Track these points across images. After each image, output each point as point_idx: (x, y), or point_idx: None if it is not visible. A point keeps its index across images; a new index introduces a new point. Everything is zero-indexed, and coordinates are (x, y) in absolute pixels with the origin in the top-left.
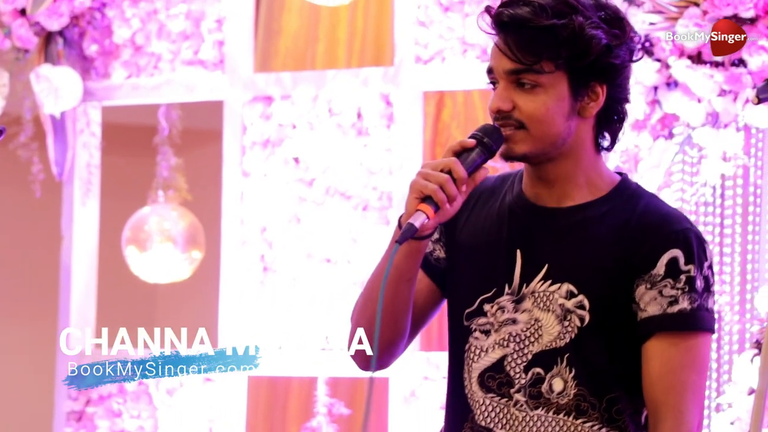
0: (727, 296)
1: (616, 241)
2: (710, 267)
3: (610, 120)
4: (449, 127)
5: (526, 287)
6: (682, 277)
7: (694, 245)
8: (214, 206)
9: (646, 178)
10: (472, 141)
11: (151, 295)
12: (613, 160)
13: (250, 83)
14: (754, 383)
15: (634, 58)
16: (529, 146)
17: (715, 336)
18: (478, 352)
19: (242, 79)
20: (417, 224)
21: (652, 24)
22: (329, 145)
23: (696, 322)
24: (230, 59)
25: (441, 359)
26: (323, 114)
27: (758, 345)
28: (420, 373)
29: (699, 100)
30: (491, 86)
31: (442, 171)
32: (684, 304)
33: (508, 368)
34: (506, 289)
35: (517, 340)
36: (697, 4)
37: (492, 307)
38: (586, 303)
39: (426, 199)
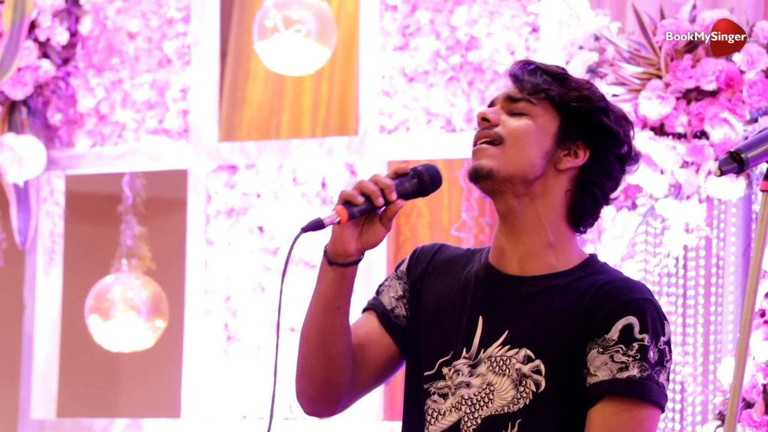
0: (690, 367)
1: (574, 308)
2: (667, 343)
3: (585, 197)
4: None
5: (484, 352)
6: (635, 344)
7: (650, 316)
8: (178, 275)
9: (610, 249)
10: (406, 168)
11: (114, 364)
12: None
13: (215, 152)
14: None
15: (627, 157)
16: (498, 163)
17: (678, 407)
18: (435, 415)
19: (207, 148)
20: (325, 221)
21: (615, 96)
22: (294, 214)
23: (643, 391)
24: (195, 128)
25: None
26: (288, 183)
27: (721, 417)
28: None
29: (662, 172)
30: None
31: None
32: (633, 371)
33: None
34: (464, 353)
35: (470, 403)
36: (659, 77)
37: (449, 370)
38: (542, 368)
39: (345, 203)
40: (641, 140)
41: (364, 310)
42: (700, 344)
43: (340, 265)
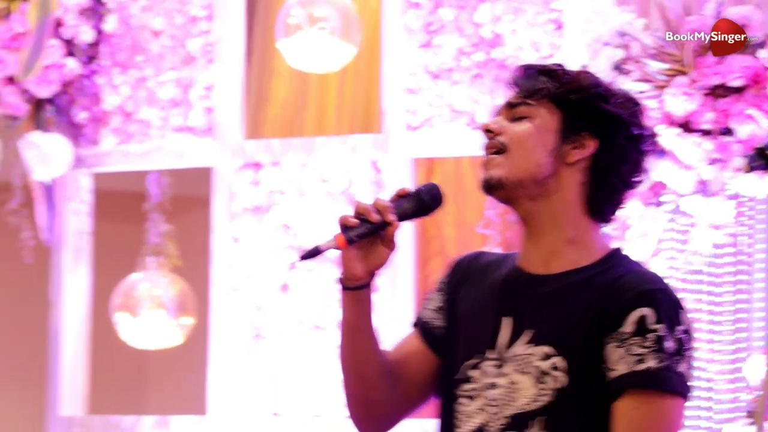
0: (718, 365)
1: (592, 302)
2: (686, 332)
3: (601, 186)
4: None
5: (509, 352)
6: (651, 335)
7: (665, 306)
8: (204, 272)
9: (636, 247)
10: (407, 190)
11: (141, 362)
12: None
13: (240, 150)
14: None
15: (639, 139)
16: (506, 171)
17: (706, 405)
18: (462, 418)
19: (232, 146)
20: (322, 248)
21: (640, 92)
22: (319, 211)
23: (662, 382)
24: (220, 126)
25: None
26: (313, 181)
27: (750, 414)
28: None
29: (688, 169)
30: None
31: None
32: (650, 362)
33: None
34: (490, 355)
35: (495, 404)
36: (684, 73)
37: (476, 372)
38: (562, 365)
39: (344, 229)
40: (667, 137)
41: (412, 326)
42: (728, 342)
43: (352, 289)
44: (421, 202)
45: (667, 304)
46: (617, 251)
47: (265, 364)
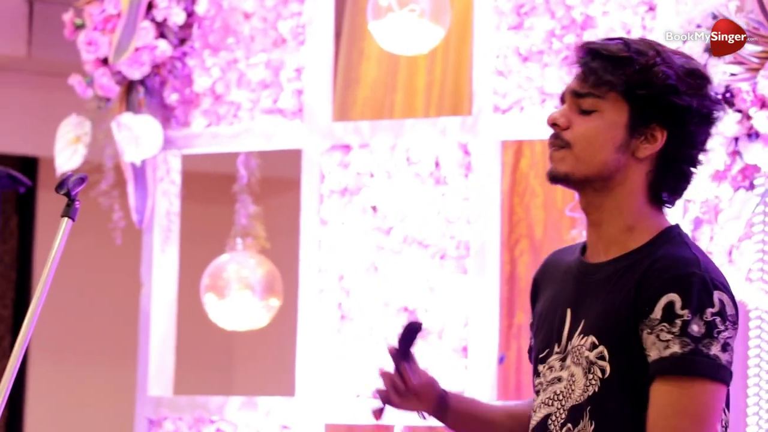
0: None
1: (631, 288)
2: (718, 314)
3: (668, 174)
4: (527, 177)
5: (570, 345)
6: (677, 321)
7: (694, 289)
8: (292, 254)
9: (726, 230)
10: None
11: (229, 343)
12: (692, 211)
13: (329, 132)
14: None
15: (708, 118)
16: (571, 166)
17: None
18: (532, 413)
19: (321, 128)
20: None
21: (733, 75)
22: (407, 193)
23: (688, 366)
24: (309, 108)
25: None
26: (401, 163)
27: None
28: None
29: None
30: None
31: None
32: (675, 348)
33: (551, 427)
34: (556, 349)
35: (560, 398)
36: None
37: (544, 367)
38: (605, 353)
39: (374, 409)
40: (760, 120)
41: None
42: None
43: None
44: (403, 339)
45: (697, 288)
46: (668, 230)
47: (352, 345)
